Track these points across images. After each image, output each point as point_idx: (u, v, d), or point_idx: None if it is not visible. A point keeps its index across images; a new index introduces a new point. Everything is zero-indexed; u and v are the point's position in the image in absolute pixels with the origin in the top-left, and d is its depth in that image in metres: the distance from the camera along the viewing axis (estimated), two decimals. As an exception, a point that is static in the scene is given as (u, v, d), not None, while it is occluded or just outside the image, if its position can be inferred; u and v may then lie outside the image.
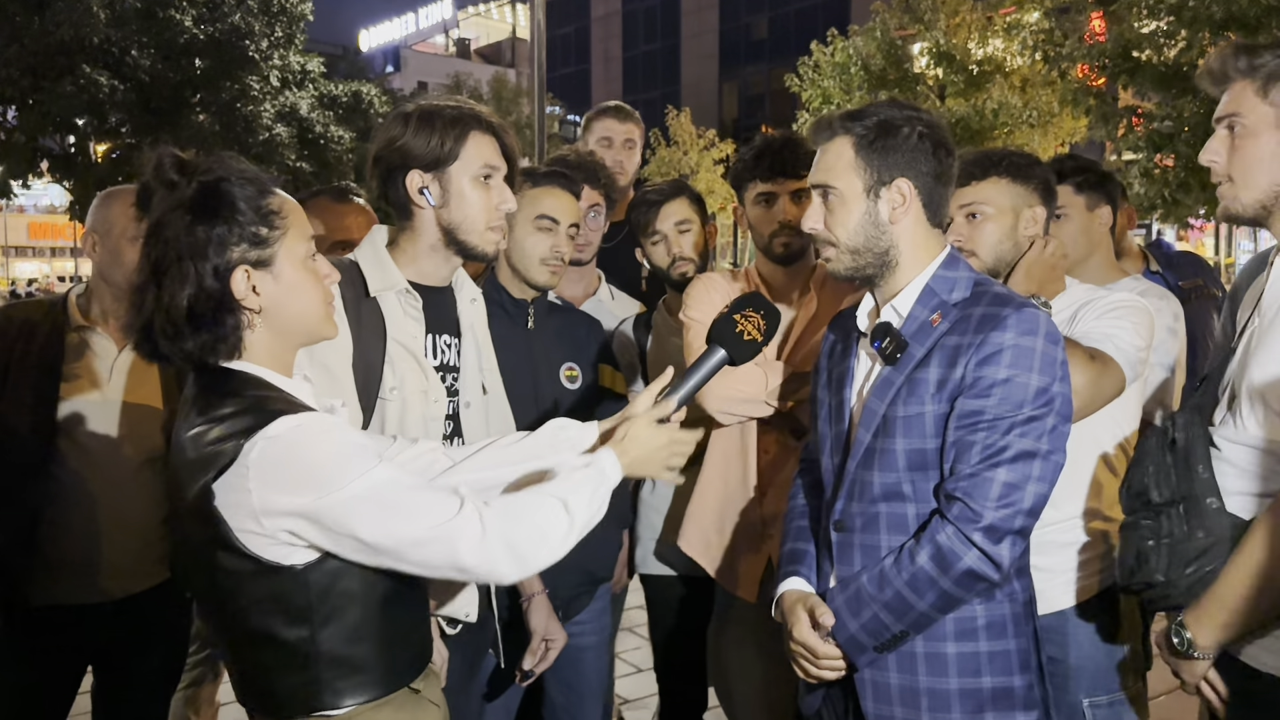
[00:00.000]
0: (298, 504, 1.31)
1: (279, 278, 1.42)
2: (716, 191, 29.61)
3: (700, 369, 1.72)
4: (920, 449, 1.68)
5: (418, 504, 1.37)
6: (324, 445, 1.34)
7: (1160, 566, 1.61)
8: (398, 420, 1.89)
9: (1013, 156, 2.16)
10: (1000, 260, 2.12)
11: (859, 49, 21.03)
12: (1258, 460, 1.56)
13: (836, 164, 1.74)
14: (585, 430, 1.71)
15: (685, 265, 2.68)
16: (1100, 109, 13.72)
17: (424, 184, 1.87)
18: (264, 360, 1.44)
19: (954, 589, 1.62)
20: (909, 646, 1.70)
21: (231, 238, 1.38)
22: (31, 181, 21.89)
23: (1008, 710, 1.69)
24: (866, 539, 1.74)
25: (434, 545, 1.36)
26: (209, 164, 1.42)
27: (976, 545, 1.59)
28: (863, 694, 1.74)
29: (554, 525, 1.47)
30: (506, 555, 1.41)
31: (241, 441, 1.31)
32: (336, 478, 1.32)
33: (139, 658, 2.41)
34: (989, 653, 1.69)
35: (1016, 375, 1.61)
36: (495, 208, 1.90)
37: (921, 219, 1.75)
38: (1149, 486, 1.64)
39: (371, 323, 1.87)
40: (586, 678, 2.52)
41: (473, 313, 2.07)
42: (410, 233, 1.93)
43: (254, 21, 20.99)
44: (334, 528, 1.34)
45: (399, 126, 1.87)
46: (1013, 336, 1.63)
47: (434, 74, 47.18)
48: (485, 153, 1.89)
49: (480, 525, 1.38)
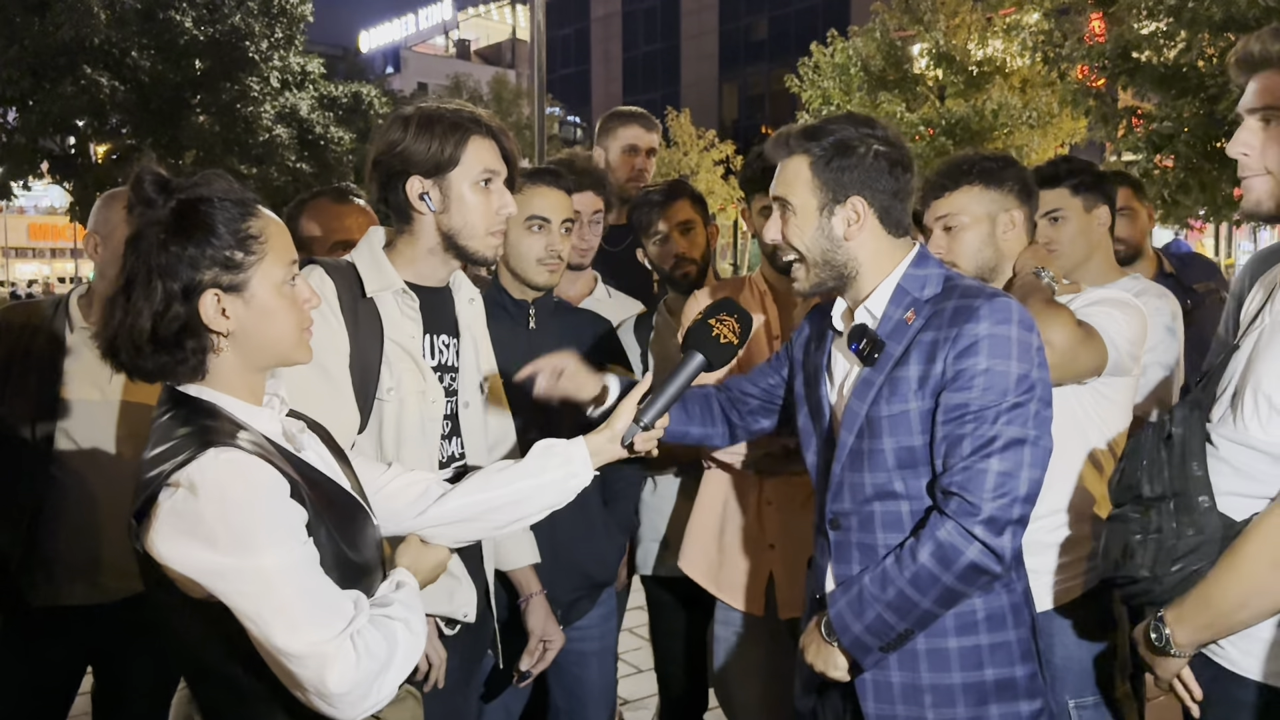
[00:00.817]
0: (199, 559, 1.26)
1: (250, 302, 1.38)
2: (716, 192, 29.62)
3: (680, 375, 1.73)
4: (909, 446, 1.69)
5: (308, 610, 1.28)
6: (245, 504, 1.26)
7: (1146, 562, 1.59)
8: (395, 421, 1.88)
9: (983, 162, 2.16)
10: (983, 267, 2.13)
11: (859, 50, 21.02)
12: (1255, 461, 1.54)
13: (795, 181, 1.77)
14: (572, 446, 1.70)
15: (687, 266, 2.68)
16: (1100, 110, 13.71)
17: (424, 190, 1.87)
18: (227, 385, 1.41)
19: (957, 584, 1.62)
20: (910, 644, 1.70)
21: (204, 260, 1.34)
22: (32, 183, 21.89)
23: (1011, 701, 1.70)
24: (863, 538, 1.75)
25: (307, 662, 1.27)
26: (192, 182, 1.39)
27: (978, 539, 1.59)
28: (863, 695, 1.74)
29: (401, 661, 1.38)
30: (365, 693, 1.32)
31: (165, 481, 1.28)
32: (244, 542, 1.25)
33: (139, 659, 2.41)
34: (990, 645, 1.70)
35: (996, 364, 1.63)
36: (495, 213, 1.90)
37: (879, 233, 1.77)
38: (1141, 480, 1.63)
39: (368, 323, 1.86)
40: (590, 683, 2.51)
41: (471, 313, 2.07)
42: (409, 236, 1.93)
43: (254, 23, 20.99)
44: (224, 589, 1.27)
45: (399, 131, 1.86)
46: (987, 327, 1.64)
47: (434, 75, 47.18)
48: (485, 157, 1.88)
49: (354, 653, 1.29)
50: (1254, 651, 1.54)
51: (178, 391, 1.40)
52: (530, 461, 1.69)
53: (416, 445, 1.91)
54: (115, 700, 2.46)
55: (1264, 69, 1.58)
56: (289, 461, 1.39)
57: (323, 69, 24.21)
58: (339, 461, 1.57)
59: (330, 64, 27.11)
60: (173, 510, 1.26)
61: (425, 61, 54.39)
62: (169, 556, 1.26)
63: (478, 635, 2.08)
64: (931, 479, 1.68)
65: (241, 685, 1.36)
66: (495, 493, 1.67)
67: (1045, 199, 2.49)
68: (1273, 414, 1.51)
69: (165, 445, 1.32)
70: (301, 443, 1.49)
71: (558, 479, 1.68)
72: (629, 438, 1.71)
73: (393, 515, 1.65)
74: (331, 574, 1.34)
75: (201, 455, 1.27)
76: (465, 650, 2.03)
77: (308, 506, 1.34)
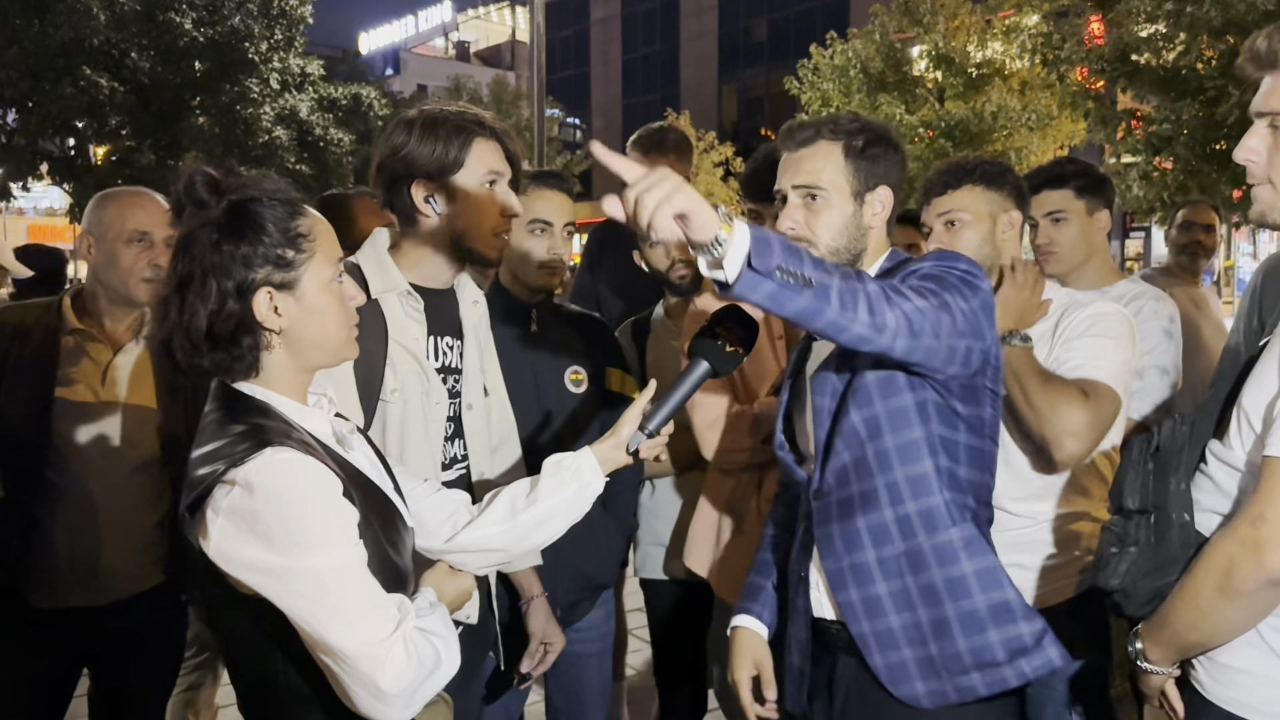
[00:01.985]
0: (255, 558, 1.27)
1: (302, 300, 1.40)
2: (715, 194, 29.57)
3: (685, 382, 1.73)
4: (889, 375, 1.69)
5: (362, 609, 1.29)
6: (300, 503, 1.28)
7: (1118, 573, 1.58)
8: (399, 422, 1.88)
9: (985, 165, 2.20)
10: (982, 264, 2.13)
11: (858, 52, 21.02)
12: (1235, 481, 1.51)
13: (826, 168, 1.78)
14: (580, 458, 1.71)
15: (684, 268, 2.67)
16: (1099, 112, 13.73)
17: (429, 193, 1.87)
18: (279, 384, 1.43)
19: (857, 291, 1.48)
20: (901, 583, 1.70)
21: (256, 258, 1.37)
22: (31, 184, 21.87)
23: (1010, 623, 1.69)
24: (841, 494, 1.75)
25: (361, 661, 1.28)
26: (241, 182, 1.41)
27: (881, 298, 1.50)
28: (868, 651, 1.73)
29: (446, 669, 1.41)
30: (413, 696, 1.34)
31: (220, 478, 1.29)
32: (300, 542, 1.27)
33: (134, 660, 2.40)
34: (975, 572, 1.69)
35: (941, 261, 1.66)
36: (500, 214, 1.91)
37: (885, 226, 1.84)
38: (1124, 492, 1.61)
39: (373, 325, 1.86)
40: (588, 684, 2.51)
41: (475, 314, 2.07)
42: (414, 238, 1.94)
43: (254, 24, 20.99)
44: (279, 589, 1.29)
45: (402, 134, 1.87)
46: (932, 261, 1.68)
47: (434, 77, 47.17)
48: (489, 159, 1.89)
49: (405, 654, 1.31)
50: (1221, 677, 1.51)
51: (231, 389, 1.42)
52: (545, 481, 1.69)
53: (420, 447, 1.91)
54: (111, 703, 2.45)
55: (1271, 69, 1.52)
56: (337, 462, 1.40)
57: (322, 71, 24.20)
58: (383, 465, 1.58)
59: (330, 66, 27.13)
60: (230, 509, 1.27)
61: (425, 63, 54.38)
62: (225, 554, 1.28)
63: (479, 637, 2.08)
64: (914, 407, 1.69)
65: (280, 682, 1.38)
66: (522, 518, 1.67)
67: (1049, 199, 2.49)
68: (1251, 432, 1.48)
69: (219, 442, 1.33)
70: (351, 444, 1.51)
71: (574, 492, 1.68)
72: (634, 444, 1.71)
73: (423, 532, 1.66)
74: (378, 576, 1.36)
75: (259, 454, 1.29)
76: (466, 652, 2.02)
77: (358, 507, 1.36)
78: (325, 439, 1.45)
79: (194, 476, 1.33)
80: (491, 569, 1.81)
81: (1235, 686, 1.49)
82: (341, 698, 1.32)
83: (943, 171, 2.21)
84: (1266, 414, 1.43)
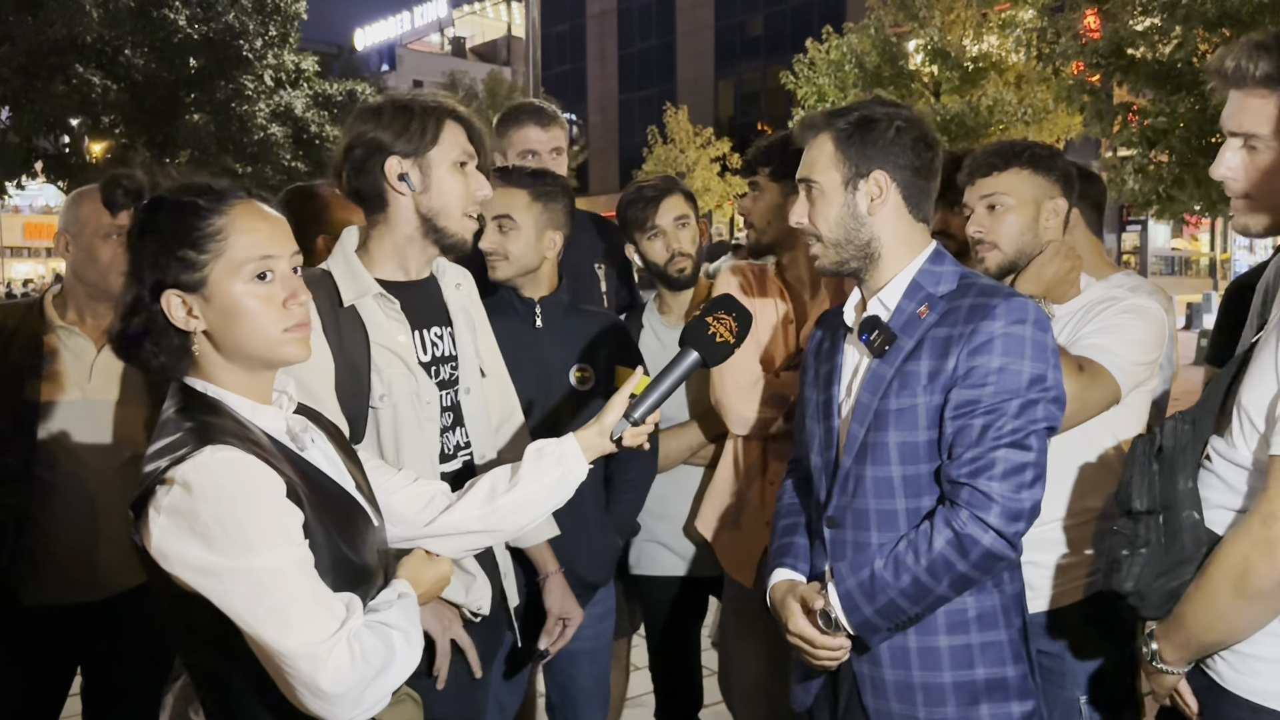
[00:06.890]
0: (194, 557, 1.26)
1: (211, 302, 1.36)
2: (713, 189, 29.58)
3: (673, 372, 1.72)
4: (912, 442, 1.69)
5: (302, 610, 1.28)
6: (239, 503, 1.27)
7: (1131, 576, 1.58)
8: (391, 426, 1.87)
9: (1034, 148, 2.16)
10: (1021, 252, 2.12)
11: (854, 46, 21.02)
12: (1244, 478, 1.52)
13: (818, 159, 1.78)
14: (563, 444, 1.70)
15: (683, 261, 2.67)
16: (1095, 105, 13.74)
17: (404, 170, 1.85)
18: (228, 381, 1.41)
19: (973, 571, 1.64)
20: (901, 641, 1.71)
21: (161, 260, 1.36)
22: (26, 182, 21.85)
23: (1002, 701, 1.70)
24: (858, 536, 1.75)
25: (300, 661, 1.27)
26: (159, 184, 1.41)
27: (993, 527, 1.61)
28: (863, 688, 1.76)
29: (401, 666, 1.38)
30: (360, 696, 1.31)
31: (161, 477, 1.28)
32: (237, 541, 1.25)
33: (127, 655, 2.38)
34: (981, 644, 1.70)
35: (1010, 363, 1.64)
36: (472, 195, 1.91)
37: (902, 211, 1.77)
38: (1131, 494, 1.61)
39: (352, 332, 1.85)
40: (582, 683, 2.51)
41: (460, 297, 2.05)
42: (384, 227, 1.92)
43: (248, 20, 20.96)
44: (217, 589, 1.27)
45: (370, 119, 1.86)
46: (1003, 325, 1.65)
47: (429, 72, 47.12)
48: (461, 140, 1.90)
49: (348, 654, 1.29)
50: (1241, 667, 1.52)
51: (185, 385, 1.41)
52: (527, 467, 1.69)
53: (416, 447, 1.90)
54: (103, 699, 2.45)
55: (1238, 87, 1.53)
56: (290, 460, 1.38)
57: (317, 67, 24.17)
58: (347, 461, 1.56)
59: (325, 62, 27.05)
60: (170, 507, 1.26)
61: (420, 59, 54.31)
62: (165, 553, 1.27)
63: (493, 626, 2.08)
64: (932, 476, 1.69)
65: (231, 680, 1.37)
66: (501, 501, 1.67)
67: None
68: (1254, 431, 1.48)
69: (167, 439, 1.33)
70: (304, 441, 1.48)
71: (556, 479, 1.69)
72: (618, 433, 1.71)
73: (401, 522, 1.65)
74: (329, 575, 1.34)
75: (198, 453, 1.27)
76: (480, 642, 2.02)
77: (305, 507, 1.34)
78: (279, 436, 1.43)
79: (141, 474, 1.32)
80: (469, 553, 1.79)
81: (1255, 675, 1.50)
82: (288, 697, 1.31)
83: (990, 152, 2.15)
84: (1268, 413, 1.44)
